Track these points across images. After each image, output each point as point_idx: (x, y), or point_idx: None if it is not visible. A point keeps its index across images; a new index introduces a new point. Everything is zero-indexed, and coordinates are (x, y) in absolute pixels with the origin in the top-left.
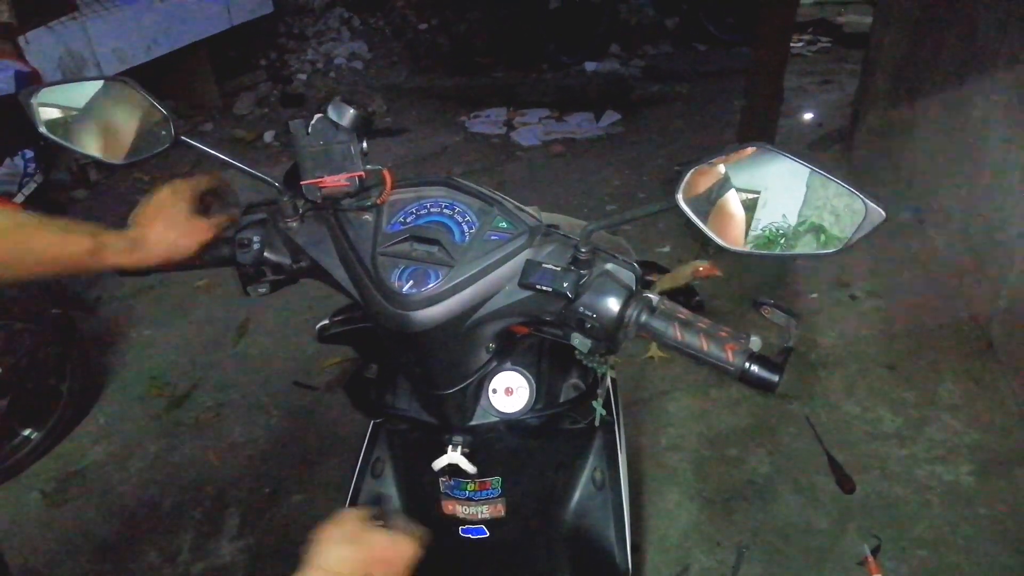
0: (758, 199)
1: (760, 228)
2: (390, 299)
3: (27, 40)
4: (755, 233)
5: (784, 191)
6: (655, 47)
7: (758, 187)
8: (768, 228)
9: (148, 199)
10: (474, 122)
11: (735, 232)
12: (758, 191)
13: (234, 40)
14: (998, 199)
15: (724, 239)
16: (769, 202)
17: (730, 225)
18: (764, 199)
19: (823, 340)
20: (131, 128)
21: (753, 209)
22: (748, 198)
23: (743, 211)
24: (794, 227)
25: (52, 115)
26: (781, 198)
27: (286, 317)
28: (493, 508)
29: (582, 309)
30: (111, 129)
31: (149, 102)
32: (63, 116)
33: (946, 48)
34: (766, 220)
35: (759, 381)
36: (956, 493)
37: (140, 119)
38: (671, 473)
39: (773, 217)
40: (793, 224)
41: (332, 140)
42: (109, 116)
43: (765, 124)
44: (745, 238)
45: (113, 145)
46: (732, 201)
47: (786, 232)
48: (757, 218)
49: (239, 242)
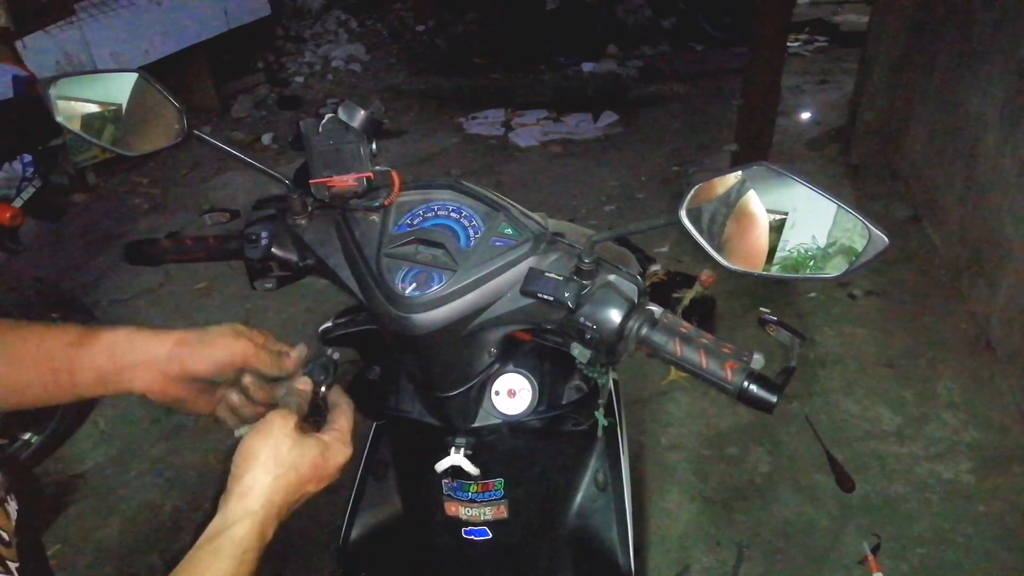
0: (761, 219)
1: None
2: (393, 301)
3: (25, 44)
4: (757, 254)
5: (788, 210)
6: (652, 47)
7: (761, 207)
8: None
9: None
10: (472, 123)
11: (736, 251)
12: (761, 211)
13: (232, 43)
14: (995, 197)
15: (725, 258)
16: (773, 223)
17: (731, 244)
18: (768, 220)
19: (822, 339)
20: (145, 120)
21: (755, 229)
22: (751, 218)
23: (745, 231)
24: (798, 249)
25: (69, 105)
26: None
27: (286, 319)
28: (496, 510)
29: (583, 320)
30: (126, 120)
31: (163, 95)
32: (79, 107)
33: (943, 47)
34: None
35: (757, 401)
36: (956, 491)
37: (154, 112)
38: (671, 473)
39: (776, 239)
40: (797, 246)
41: (342, 140)
42: (124, 108)
43: (762, 124)
44: (746, 258)
45: (127, 136)
46: (734, 220)
47: (789, 254)
48: (760, 238)
49: (248, 237)
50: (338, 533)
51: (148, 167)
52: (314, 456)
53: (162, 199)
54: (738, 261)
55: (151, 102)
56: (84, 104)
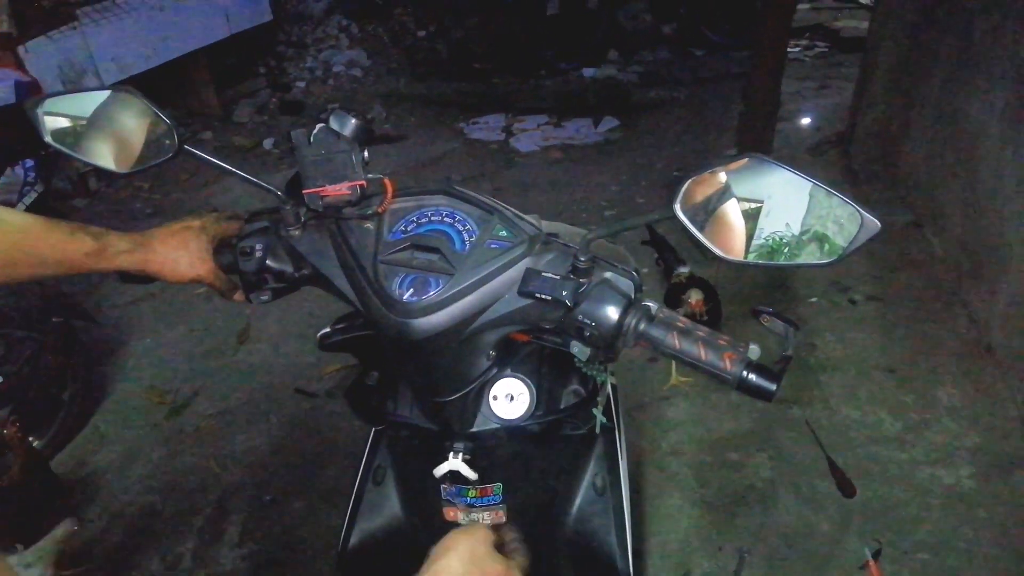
0: (754, 209)
1: (758, 238)
2: (391, 307)
3: (27, 50)
4: (752, 243)
5: (780, 201)
6: (653, 53)
7: (754, 197)
8: (766, 238)
9: (182, 218)
10: (473, 128)
11: (731, 242)
12: (754, 201)
13: (233, 48)
14: (996, 202)
15: (721, 249)
16: (766, 212)
17: (727, 235)
18: (761, 209)
19: (823, 344)
20: (135, 137)
21: (749, 219)
22: (744, 208)
23: (739, 221)
24: (792, 237)
25: (57, 124)
26: (778, 208)
27: (286, 325)
28: (494, 514)
29: (581, 317)
30: (116, 138)
31: (153, 111)
32: (68, 126)
33: (942, 52)
34: (763, 230)
35: (756, 390)
36: (956, 496)
37: (144, 128)
38: (672, 478)
39: (770, 227)
40: (790, 234)
41: (333, 149)
42: (113, 125)
43: (763, 129)
44: (742, 248)
45: (118, 154)
46: (728, 211)
47: (783, 242)
48: (754, 228)
49: (241, 250)
50: (337, 538)
51: (149, 174)
52: (500, 570)
53: (163, 204)
54: (733, 252)
55: (142, 118)
56: (72, 122)
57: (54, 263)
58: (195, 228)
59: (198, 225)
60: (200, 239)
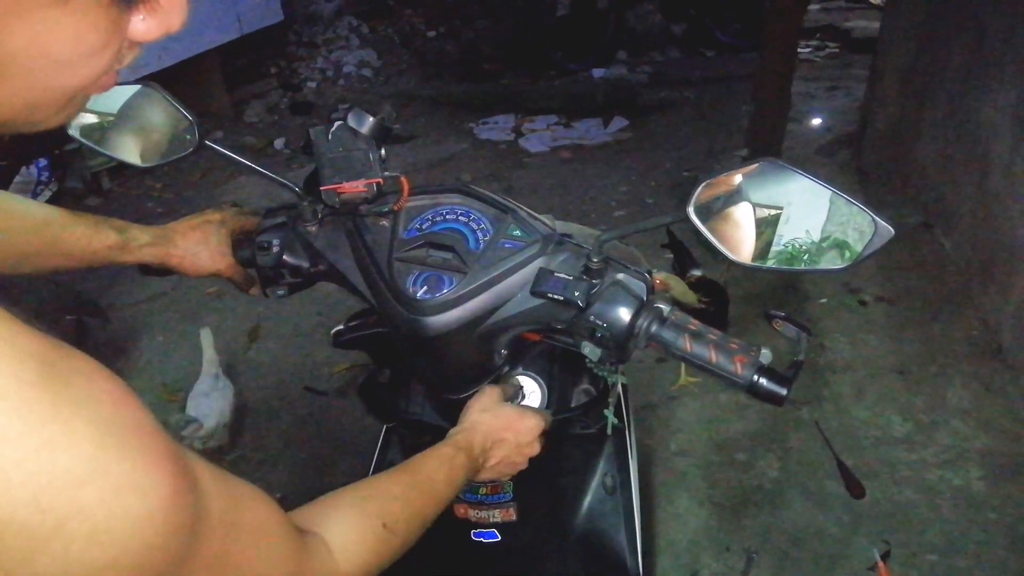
0: (770, 214)
1: (777, 244)
2: (405, 304)
3: None
4: (772, 249)
5: (794, 205)
6: (662, 53)
7: (769, 202)
8: (785, 244)
9: (202, 212)
10: (482, 129)
11: (744, 245)
12: (770, 207)
13: (244, 48)
14: (1006, 203)
15: (733, 252)
16: (779, 217)
17: (739, 238)
18: (774, 213)
19: (832, 345)
20: (157, 132)
21: (766, 224)
22: (759, 213)
23: (752, 225)
24: (812, 244)
25: (81, 118)
26: (791, 213)
27: (297, 323)
28: (505, 512)
29: (593, 318)
30: (137, 133)
31: (174, 107)
32: (91, 120)
33: (954, 53)
34: (783, 236)
35: (767, 394)
36: (966, 498)
37: (165, 123)
38: (680, 478)
39: (783, 232)
40: (810, 241)
41: (351, 147)
42: (135, 120)
43: (773, 130)
44: (754, 251)
45: (139, 148)
46: (741, 214)
47: (802, 249)
48: (770, 233)
49: (259, 245)
50: None
51: (162, 171)
52: (511, 412)
53: (176, 203)
54: (745, 255)
55: (163, 113)
56: (97, 116)
57: (78, 256)
58: (215, 222)
59: (218, 219)
60: (220, 233)
